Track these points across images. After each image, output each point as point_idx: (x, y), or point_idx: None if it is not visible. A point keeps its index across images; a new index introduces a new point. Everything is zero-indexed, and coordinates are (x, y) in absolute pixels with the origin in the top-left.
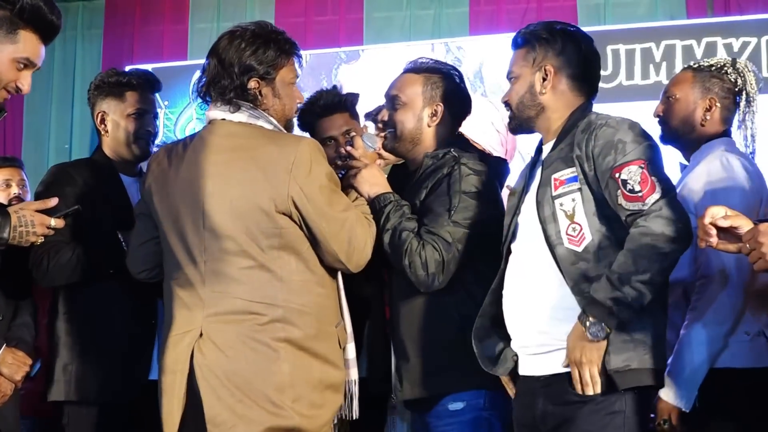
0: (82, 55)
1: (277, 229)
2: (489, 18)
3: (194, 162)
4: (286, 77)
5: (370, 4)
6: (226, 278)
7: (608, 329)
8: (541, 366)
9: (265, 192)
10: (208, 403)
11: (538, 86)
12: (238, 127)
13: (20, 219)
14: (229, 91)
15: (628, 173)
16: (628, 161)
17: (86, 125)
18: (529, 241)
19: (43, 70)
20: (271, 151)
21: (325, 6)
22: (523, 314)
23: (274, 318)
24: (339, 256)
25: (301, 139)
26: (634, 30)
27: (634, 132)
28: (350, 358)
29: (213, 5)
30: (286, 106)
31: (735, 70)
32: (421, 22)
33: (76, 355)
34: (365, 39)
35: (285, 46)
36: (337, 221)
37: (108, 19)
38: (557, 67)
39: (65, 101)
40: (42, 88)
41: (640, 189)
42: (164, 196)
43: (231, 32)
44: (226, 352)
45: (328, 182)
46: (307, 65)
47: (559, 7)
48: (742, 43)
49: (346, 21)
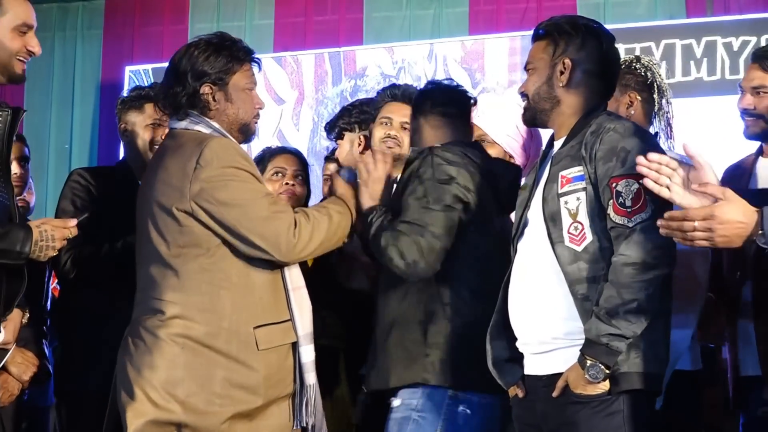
0: (82, 55)
1: (181, 228)
2: (489, 18)
3: (149, 169)
4: (240, 83)
5: (369, 4)
6: (146, 278)
7: (606, 369)
8: (543, 365)
9: (170, 193)
10: (118, 396)
11: (555, 79)
12: (177, 133)
13: (42, 234)
14: (182, 97)
15: (624, 186)
16: (628, 174)
17: (86, 125)
18: (533, 238)
19: (42, 71)
20: (181, 152)
21: (324, 6)
22: (526, 312)
23: (173, 315)
24: (260, 244)
25: (210, 139)
26: (633, 29)
27: (641, 142)
28: (306, 361)
29: (213, 5)
30: (240, 111)
31: (641, 64)
32: (420, 22)
33: (76, 348)
34: (365, 39)
35: (238, 53)
36: (247, 211)
37: (108, 20)
38: (576, 61)
39: (65, 101)
40: (42, 88)
41: (630, 205)
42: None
43: (187, 44)
44: (132, 347)
45: (234, 176)
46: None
47: (559, 6)
48: (742, 42)
49: (346, 21)
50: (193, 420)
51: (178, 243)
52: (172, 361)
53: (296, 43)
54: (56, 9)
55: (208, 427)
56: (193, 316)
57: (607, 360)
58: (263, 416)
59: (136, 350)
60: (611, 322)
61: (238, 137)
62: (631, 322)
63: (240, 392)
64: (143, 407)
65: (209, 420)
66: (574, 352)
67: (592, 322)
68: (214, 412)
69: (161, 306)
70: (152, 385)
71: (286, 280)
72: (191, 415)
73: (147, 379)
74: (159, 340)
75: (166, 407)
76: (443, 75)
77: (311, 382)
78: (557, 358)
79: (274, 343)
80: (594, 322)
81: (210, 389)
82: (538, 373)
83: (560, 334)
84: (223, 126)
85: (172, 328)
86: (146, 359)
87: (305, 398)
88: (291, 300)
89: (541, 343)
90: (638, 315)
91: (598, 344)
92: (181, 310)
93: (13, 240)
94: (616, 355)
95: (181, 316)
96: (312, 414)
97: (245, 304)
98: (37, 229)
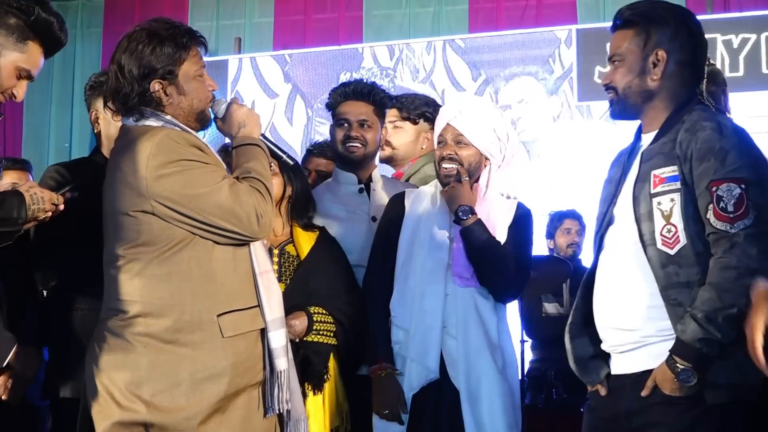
0: (82, 54)
1: (139, 227)
2: (488, 15)
3: (107, 170)
4: (189, 71)
5: (369, 2)
6: (109, 279)
7: (699, 374)
8: (631, 363)
9: (126, 194)
10: (88, 399)
11: (648, 72)
12: (128, 129)
13: (33, 197)
14: (132, 98)
15: (726, 191)
16: (729, 178)
17: (86, 124)
18: (622, 237)
19: (42, 70)
20: (132, 150)
21: (324, 4)
22: (613, 312)
23: (134, 313)
24: (232, 228)
25: (158, 133)
26: None
27: (741, 142)
28: (275, 347)
29: (212, 3)
30: (194, 100)
31: None
32: (420, 20)
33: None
34: (364, 37)
35: (182, 39)
36: (211, 199)
37: (107, 18)
38: (669, 52)
39: (65, 101)
40: (41, 87)
41: (733, 210)
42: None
43: (128, 35)
44: (97, 349)
45: (189, 167)
46: None
47: (559, 3)
48: (742, 39)
49: (346, 19)
50: (159, 419)
51: (137, 242)
52: (135, 360)
53: (296, 41)
54: (55, 7)
55: (177, 424)
56: (154, 313)
57: (699, 365)
58: (233, 406)
59: (100, 352)
60: (709, 326)
61: (195, 126)
62: (729, 328)
63: (207, 384)
64: (109, 409)
65: (176, 417)
66: (666, 347)
67: (687, 323)
68: (181, 408)
69: (123, 306)
70: (117, 386)
71: (254, 265)
72: (157, 414)
73: (112, 380)
74: (122, 340)
75: (130, 408)
76: (443, 70)
77: (282, 367)
78: (646, 354)
79: (241, 329)
80: (689, 323)
81: (176, 386)
82: (626, 371)
83: (651, 331)
84: (180, 119)
85: (135, 326)
86: (111, 360)
87: (276, 384)
88: (258, 285)
89: (630, 342)
90: (735, 321)
91: (692, 347)
92: (142, 308)
93: (9, 206)
94: (708, 361)
95: (143, 314)
96: (284, 401)
97: (206, 292)
98: (27, 193)
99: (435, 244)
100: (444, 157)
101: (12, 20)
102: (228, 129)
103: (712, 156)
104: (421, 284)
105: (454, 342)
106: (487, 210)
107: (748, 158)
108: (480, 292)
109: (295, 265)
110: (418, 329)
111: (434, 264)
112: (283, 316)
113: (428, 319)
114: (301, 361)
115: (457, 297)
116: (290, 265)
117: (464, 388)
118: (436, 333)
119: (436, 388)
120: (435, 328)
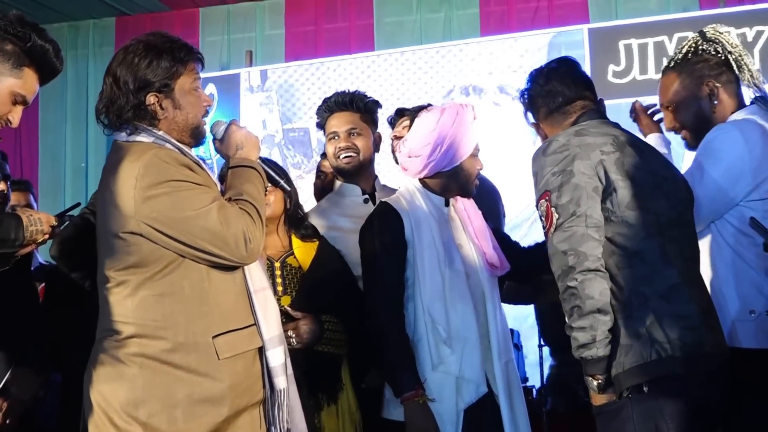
0: (95, 72)
1: (129, 249)
2: (499, 18)
3: (98, 189)
4: (185, 85)
5: (380, 10)
6: (103, 301)
7: (596, 378)
8: None
9: (115, 215)
10: (85, 418)
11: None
12: (119, 146)
13: (30, 219)
14: (127, 111)
15: (540, 208)
16: (539, 195)
17: (101, 143)
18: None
19: (56, 89)
20: (121, 169)
21: (335, 13)
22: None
23: (129, 335)
24: (219, 253)
25: (147, 152)
26: (646, 24)
27: (542, 157)
28: (274, 365)
29: (222, 18)
30: (189, 115)
31: (707, 42)
32: (431, 25)
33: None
34: (376, 44)
35: (179, 54)
36: (198, 223)
37: (119, 37)
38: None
39: (79, 120)
40: (56, 107)
41: (545, 224)
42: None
43: (124, 48)
44: (93, 371)
45: (177, 188)
46: None
47: (570, 3)
48: (756, 32)
49: (357, 27)
50: None
51: (128, 263)
52: (131, 381)
53: (308, 51)
54: (67, 28)
55: None
56: (149, 335)
57: (588, 373)
58: (234, 427)
59: (96, 373)
60: (570, 336)
61: (190, 142)
62: (578, 333)
63: (204, 406)
64: (106, 431)
65: None
66: None
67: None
68: (179, 430)
69: (117, 327)
70: (113, 407)
71: (248, 283)
72: None
73: (108, 401)
74: (117, 361)
75: (127, 429)
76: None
77: (282, 386)
78: None
79: (238, 350)
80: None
81: (173, 407)
82: None
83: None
84: (174, 134)
85: (129, 348)
86: (107, 381)
87: (276, 404)
88: (254, 303)
89: None
90: (580, 330)
91: (578, 361)
92: (136, 329)
93: (7, 228)
94: (590, 366)
95: (137, 335)
96: (285, 420)
97: (200, 313)
98: (24, 215)
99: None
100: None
101: (8, 46)
102: (225, 150)
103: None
104: (463, 304)
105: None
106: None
107: (546, 173)
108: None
109: (298, 276)
110: (472, 350)
111: (466, 281)
112: (282, 333)
113: (471, 336)
114: (314, 371)
115: (487, 307)
116: (293, 277)
117: (503, 396)
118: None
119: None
120: (479, 345)
